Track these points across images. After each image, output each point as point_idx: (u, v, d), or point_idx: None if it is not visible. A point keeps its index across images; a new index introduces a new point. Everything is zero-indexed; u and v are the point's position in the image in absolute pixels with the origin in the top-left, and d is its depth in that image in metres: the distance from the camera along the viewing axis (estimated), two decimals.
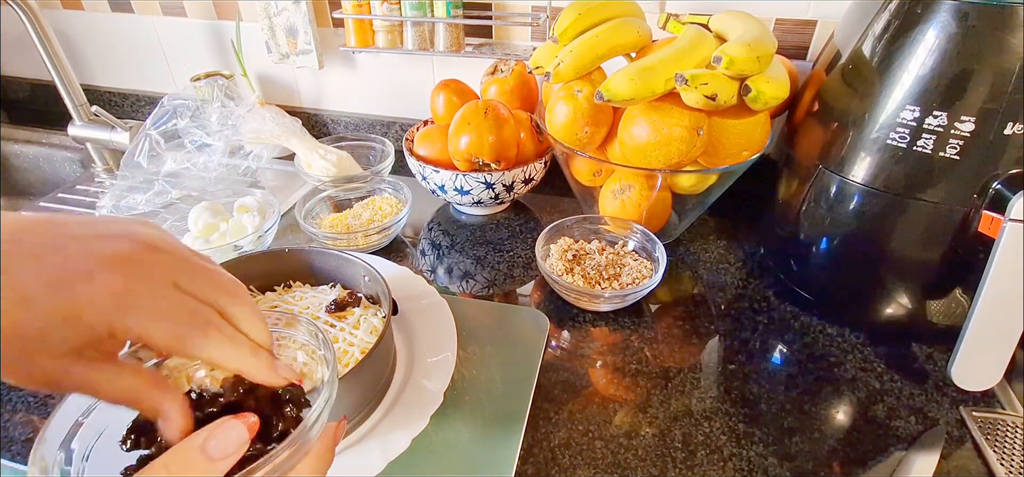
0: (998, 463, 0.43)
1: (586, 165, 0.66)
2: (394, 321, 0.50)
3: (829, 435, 0.45)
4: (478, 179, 0.66)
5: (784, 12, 0.70)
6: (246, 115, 0.75)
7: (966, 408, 0.47)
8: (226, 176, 0.77)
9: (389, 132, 0.92)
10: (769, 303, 0.59)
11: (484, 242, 0.69)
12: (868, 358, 0.52)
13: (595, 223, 0.64)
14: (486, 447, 0.43)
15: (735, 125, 0.55)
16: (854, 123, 0.47)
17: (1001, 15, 0.40)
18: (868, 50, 0.47)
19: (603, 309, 0.57)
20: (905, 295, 0.51)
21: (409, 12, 0.75)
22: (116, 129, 0.82)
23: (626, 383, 0.50)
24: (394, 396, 0.45)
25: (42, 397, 0.48)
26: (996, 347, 0.42)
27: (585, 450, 0.44)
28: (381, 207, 0.69)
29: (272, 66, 0.91)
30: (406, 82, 0.88)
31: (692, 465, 0.43)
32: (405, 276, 0.57)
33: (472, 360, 0.50)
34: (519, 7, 0.77)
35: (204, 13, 0.89)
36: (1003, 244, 0.39)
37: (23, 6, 0.72)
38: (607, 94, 0.52)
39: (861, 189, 0.48)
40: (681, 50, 0.54)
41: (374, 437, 0.41)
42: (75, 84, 0.80)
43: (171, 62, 0.96)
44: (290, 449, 0.24)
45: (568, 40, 0.59)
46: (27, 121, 1.01)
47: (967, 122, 0.41)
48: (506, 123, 0.65)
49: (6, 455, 0.43)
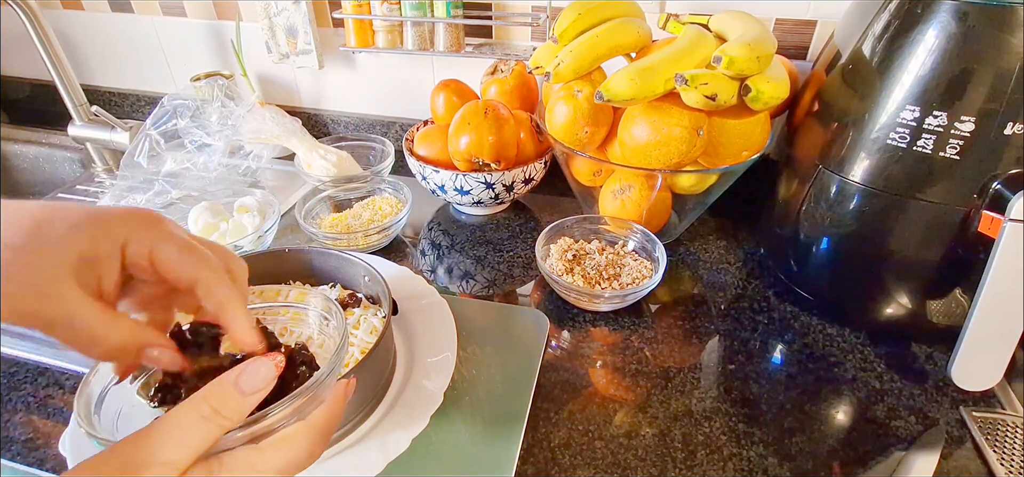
0: (998, 463, 0.43)
1: (586, 165, 0.66)
2: (394, 321, 0.50)
3: (829, 435, 0.45)
4: (478, 179, 0.66)
5: (784, 12, 0.70)
6: (246, 115, 0.75)
7: (966, 408, 0.47)
8: (226, 176, 0.77)
9: (389, 132, 0.92)
10: (769, 303, 0.59)
11: (484, 242, 0.69)
12: (868, 358, 0.52)
13: (595, 223, 0.64)
14: (486, 447, 0.43)
15: (735, 125, 0.55)
16: (854, 123, 0.47)
17: (1001, 15, 0.40)
18: (868, 50, 0.47)
19: (603, 309, 0.57)
20: (905, 295, 0.51)
21: (409, 12, 0.75)
22: (116, 129, 0.82)
23: (626, 383, 0.50)
24: (394, 396, 0.45)
25: (42, 397, 0.48)
26: (996, 347, 0.42)
27: (585, 450, 0.44)
28: (381, 207, 0.69)
29: (272, 66, 0.91)
30: (406, 82, 0.88)
31: (692, 465, 0.43)
32: (405, 276, 0.57)
33: (472, 360, 0.50)
34: (519, 7, 0.77)
35: (204, 13, 0.89)
36: (1003, 244, 0.39)
37: (23, 6, 0.72)
38: (607, 94, 0.52)
39: (861, 189, 0.48)
40: (681, 50, 0.54)
41: (374, 437, 0.41)
42: (75, 84, 0.80)
43: (171, 62, 0.96)
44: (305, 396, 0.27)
45: (568, 40, 0.59)
46: (27, 121, 1.01)
47: (967, 122, 0.41)
48: (506, 123, 0.65)
49: (6, 455, 0.43)
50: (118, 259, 0.26)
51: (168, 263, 0.27)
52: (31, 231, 0.24)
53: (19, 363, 0.51)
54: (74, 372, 0.50)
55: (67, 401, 0.48)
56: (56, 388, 0.49)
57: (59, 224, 0.24)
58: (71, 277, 0.24)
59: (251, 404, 0.25)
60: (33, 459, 0.43)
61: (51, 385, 0.49)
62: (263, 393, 0.26)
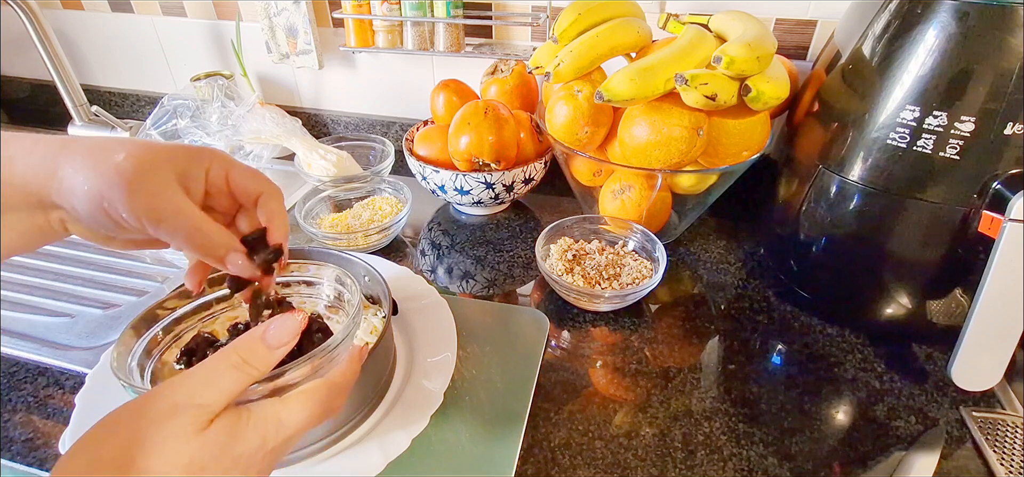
0: (998, 463, 0.43)
1: (586, 165, 0.66)
2: (394, 321, 0.50)
3: (829, 435, 0.45)
4: (478, 179, 0.66)
5: (784, 12, 0.70)
6: (246, 115, 0.75)
7: (966, 408, 0.47)
8: None
9: (389, 132, 0.92)
10: (769, 303, 0.59)
11: (484, 242, 0.69)
12: (868, 358, 0.52)
13: (595, 223, 0.64)
14: (486, 447, 0.43)
15: (735, 125, 0.55)
16: (854, 123, 0.47)
17: (1001, 15, 0.40)
18: (868, 50, 0.47)
19: (603, 309, 0.57)
20: (905, 295, 0.51)
21: (409, 12, 0.75)
22: (116, 129, 0.82)
23: (626, 383, 0.50)
24: (394, 396, 0.45)
25: (42, 397, 0.48)
26: (996, 347, 0.42)
27: (585, 450, 0.44)
28: (381, 207, 0.69)
29: (272, 66, 0.91)
30: (406, 82, 0.88)
31: (692, 465, 0.43)
32: (405, 276, 0.57)
33: (472, 360, 0.50)
34: (519, 7, 0.77)
35: (204, 13, 0.89)
36: (1003, 244, 0.39)
37: (23, 6, 0.72)
38: (607, 94, 0.52)
39: (861, 189, 0.48)
40: (681, 50, 0.54)
41: (374, 437, 0.41)
42: (75, 84, 0.80)
43: (171, 62, 0.96)
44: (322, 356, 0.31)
45: (568, 40, 0.59)
46: (27, 121, 1.01)
47: (967, 122, 0.41)
48: (506, 123, 0.65)
49: (6, 455, 0.43)
50: (203, 181, 0.31)
51: (242, 180, 0.33)
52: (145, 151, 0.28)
53: (19, 363, 0.51)
54: (74, 372, 0.50)
55: (67, 401, 0.48)
56: (56, 388, 0.49)
57: (160, 151, 0.29)
58: (178, 184, 0.29)
59: (277, 357, 0.28)
60: (33, 459, 0.43)
61: (51, 385, 0.49)
62: (288, 346, 0.29)
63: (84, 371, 0.49)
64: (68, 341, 0.55)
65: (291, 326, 0.29)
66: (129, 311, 0.59)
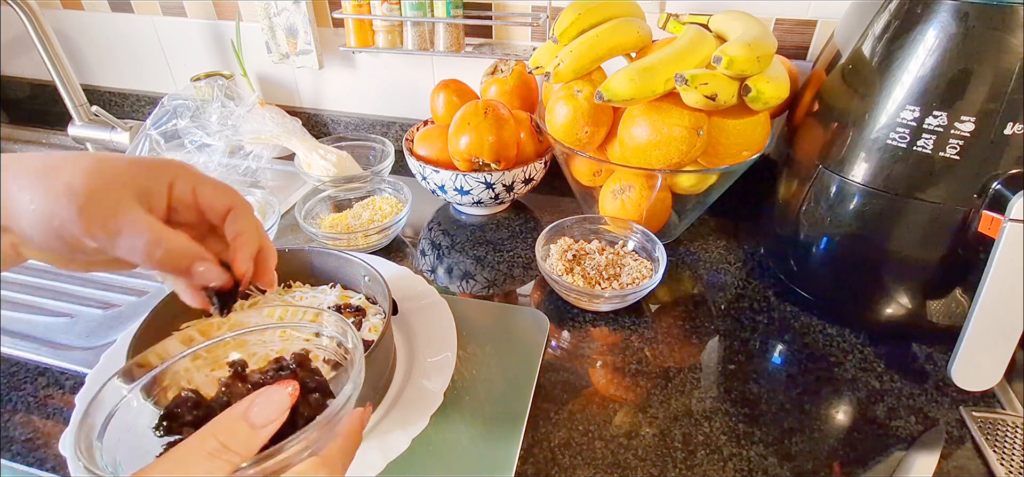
0: (998, 463, 0.43)
1: (586, 165, 0.66)
2: (394, 321, 0.50)
3: (829, 435, 0.45)
4: (478, 179, 0.66)
5: (784, 12, 0.70)
6: (246, 115, 0.75)
7: (966, 408, 0.47)
8: (226, 176, 0.77)
9: (389, 132, 0.92)
10: (769, 303, 0.59)
11: (484, 242, 0.69)
12: (868, 358, 0.52)
13: (595, 223, 0.64)
14: (486, 447, 0.43)
15: (735, 125, 0.55)
16: (854, 123, 0.47)
17: (1001, 15, 0.40)
18: (868, 50, 0.47)
19: (603, 309, 0.57)
20: (905, 295, 0.51)
21: (409, 12, 0.75)
22: (116, 129, 0.82)
23: (626, 383, 0.50)
24: (394, 396, 0.45)
25: (42, 397, 0.48)
26: (996, 347, 0.42)
27: (585, 450, 0.44)
28: (381, 207, 0.69)
29: (272, 66, 0.91)
30: (406, 82, 0.88)
31: (692, 465, 0.43)
32: (405, 276, 0.57)
33: (472, 360, 0.50)
34: (519, 7, 0.77)
35: (204, 13, 0.89)
36: (1003, 244, 0.39)
37: (23, 6, 0.72)
38: (607, 94, 0.52)
39: (861, 189, 0.48)
40: (681, 50, 0.54)
41: (374, 437, 0.41)
42: (75, 84, 0.80)
43: (171, 62, 0.96)
44: (319, 429, 0.25)
45: (568, 40, 0.59)
46: (27, 121, 1.01)
47: (967, 122, 0.41)
48: (506, 123, 0.65)
49: (6, 455, 0.43)
50: (165, 196, 0.29)
51: (209, 195, 0.31)
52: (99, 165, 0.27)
53: (19, 363, 0.51)
54: (74, 372, 0.50)
55: (67, 401, 0.48)
56: (56, 388, 0.49)
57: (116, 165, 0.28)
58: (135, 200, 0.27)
59: (263, 438, 0.24)
60: (33, 459, 0.43)
61: (51, 385, 0.49)
62: (275, 425, 0.24)
63: (84, 371, 0.49)
64: (68, 341, 0.55)
65: (279, 401, 0.25)
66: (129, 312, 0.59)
